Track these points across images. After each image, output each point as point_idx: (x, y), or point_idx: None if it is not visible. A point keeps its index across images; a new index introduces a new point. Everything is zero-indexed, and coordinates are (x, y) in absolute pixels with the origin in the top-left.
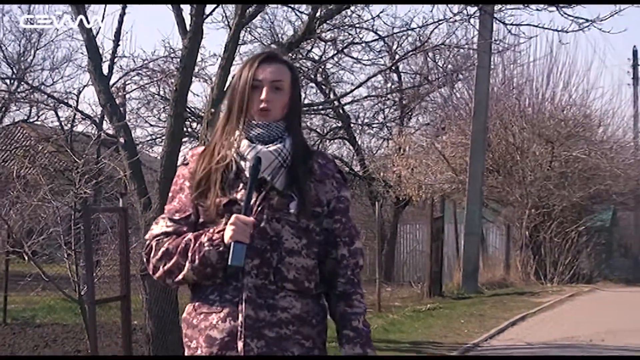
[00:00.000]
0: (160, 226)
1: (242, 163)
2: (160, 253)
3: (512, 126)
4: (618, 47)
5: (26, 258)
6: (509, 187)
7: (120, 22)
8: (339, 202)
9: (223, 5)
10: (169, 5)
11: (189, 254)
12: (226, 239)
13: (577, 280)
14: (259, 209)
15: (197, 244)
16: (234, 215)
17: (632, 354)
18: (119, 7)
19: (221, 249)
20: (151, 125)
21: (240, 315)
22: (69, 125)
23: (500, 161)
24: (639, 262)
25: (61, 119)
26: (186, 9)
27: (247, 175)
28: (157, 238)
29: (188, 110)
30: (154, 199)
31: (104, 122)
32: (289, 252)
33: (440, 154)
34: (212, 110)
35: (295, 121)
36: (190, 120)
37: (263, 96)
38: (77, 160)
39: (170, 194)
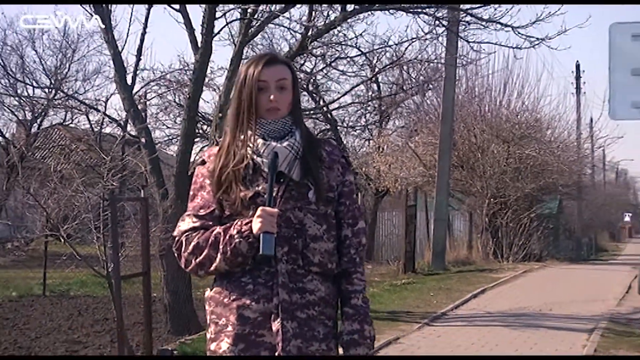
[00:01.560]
0: (187, 222)
1: (259, 159)
2: (191, 247)
3: (474, 128)
4: (564, 61)
5: (62, 240)
6: (472, 180)
7: (142, 40)
8: (344, 186)
9: (229, 25)
10: (184, 26)
11: (220, 246)
12: (255, 230)
13: (529, 259)
14: (282, 200)
15: (227, 237)
16: (260, 208)
17: (575, 321)
18: (140, 27)
19: (251, 239)
20: (168, 127)
21: (275, 299)
22: (98, 127)
23: (464, 158)
24: (581, 243)
25: (91, 122)
26: (198, 29)
27: (265, 170)
28: (186, 234)
29: (199, 115)
30: (170, 190)
31: (128, 124)
32: (312, 238)
33: (414, 152)
34: (220, 114)
35: (300, 115)
36: (201, 123)
37: (272, 97)
38: (105, 157)
39: (191, 193)
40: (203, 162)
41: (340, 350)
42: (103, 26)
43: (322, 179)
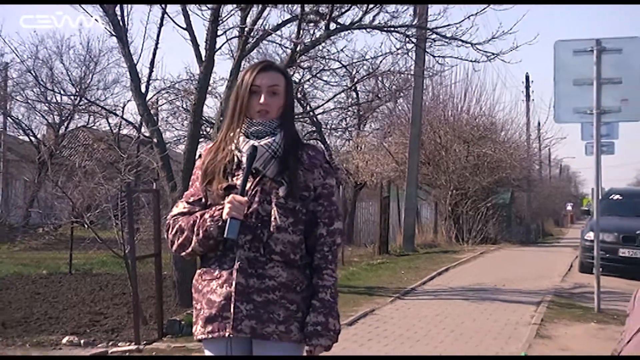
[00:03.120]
0: (179, 208)
1: (239, 154)
2: (174, 229)
3: (439, 130)
4: (515, 73)
5: (86, 226)
6: (437, 174)
7: (154, 55)
8: (323, 188)
9: (229, 42)
10: (190, 43)
11: (196, 229)
12: (223, 215)
13: (485, 242)
14: (253, 192)
15: (201, 220)
16: (230, 195)
17: (525, 295)
18: (153, 43)
19: (220, 223)
20: (176, 129)
21: (233, 282)
22: (117, 129)
23: (430, 156)
24: (530, 229)
25: (111, 125)
26: (202, 45)
27: (244, 166)
28: (174, 217)
29: (203, 118)
30: (179, 183)
31: (142, 127)
32: (277, 229)
33: (387, 151)
34: (221, 118)
35: (287, 119)
36: (205, 125)
37: (262, 100)
38: (122, 154)
39: (190, 183)
40: (199, 156)
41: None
42: (113, 31)
43: (298, 178)
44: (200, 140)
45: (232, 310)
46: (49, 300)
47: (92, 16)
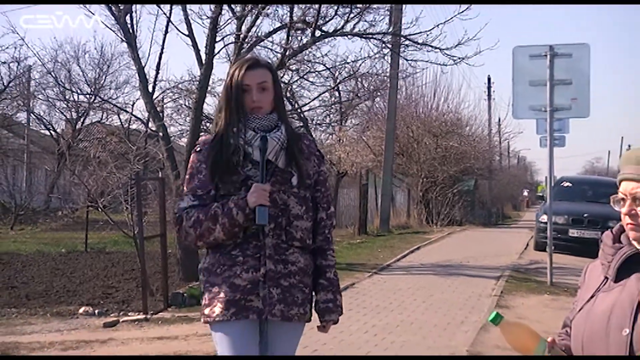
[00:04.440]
0: (187, 201)
1: (249, 149)
2: (192, 221)
3: (411, 126)
4: (479, 75)
5: (99, 210)
6: (409, 164)
7: (160, 58)
8: (319, 175)
9: (226, 47)
10: (192, 48)
11: (219, 218)
12: (251, 204)
13: (452, 224)
14: (269, 183)
15: (225, 210)
16: (254, 185)
17: (487, 270)
18: (159, 48)
19: (247, 211)
20: (180, 124)
21: (262, 268)
22: (127, 124)
23: (403, 148)
24: (491, 212)
25: (122, 120)
26: (202, 49)
27: (254, 157)
28: (186, 210)
29: (203, 115)
30: (182, 172)
31: (149, 122)
32: (295, 217)
33: (366, 144)
34: (219, 115)
35: (284, 112)
36: (205, 121)
37: (256, 98)
38: (132, 147)
39: (188, 176)
40: (199, 150)
41: (316, 316)
42: (122, 34)
43: (304, 167)
44: (201, 134)
45: (264, 294)
46: (67, 275)
47: (105, 24)
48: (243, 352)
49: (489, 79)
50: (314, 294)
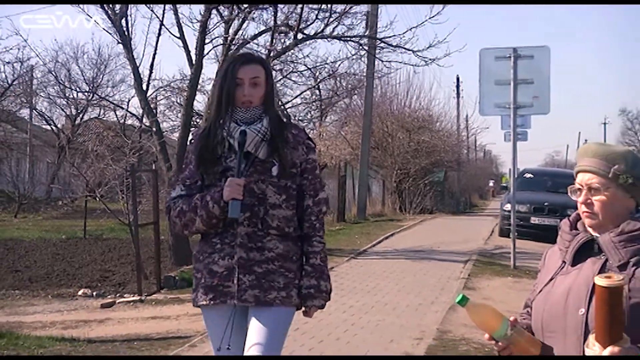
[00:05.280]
0: (177, 191)
1: (231, 140)
2: (177, 211)
3: (386, 121)
4: (448, 75)
5: (97, 199)
6: (384, 157)
7: (153, 59)
8: (307, 163)
9: (215, 48)
10: (183, 49)
11: (198, 210)
12: (224, 197)
13: (424, 212)
14: (248, 173)
15: (203, 202)
16: (229, 179)
17: (455, 255)
18: (152, 50)
19: (222, 204)
20: (172, 120)
21: (235, 256)
22: (123, 120)
23: (379, 142)
24: (459, 201)
25: (118, 116)
26: (193, 51)
27: (236, 149)
28: (174, 200)
29: (194, 111)
30: (173, 164)
31: (144, 118)
32: (272, 205)
33: (344, 138)
34: (209, 111)
35: (270, 105)
36: (195, 117)
37: (247, 92)
38: (127, 141)
39: (183, 165)
40: (191, 141)
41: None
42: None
43: (287, 157)
44: (192, 129)
45: (235, 282)
46: (67, 260)
47: (102, 27)
48: (220, 334)
49: (457, 79)
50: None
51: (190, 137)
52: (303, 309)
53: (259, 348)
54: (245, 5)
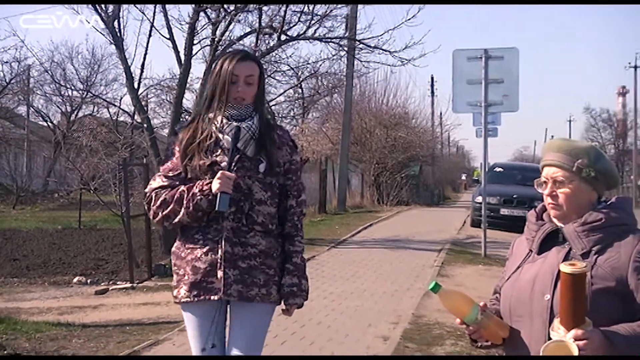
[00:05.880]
0: (157, 182)
1: (220, 135)
2: (159, 202)
3: (364, 118)
4: (423, 74)
5: (91, 191)
6: (363, 152)
7: (144, 59)
8: (291, 164)
9: (202, 49)
10: (173, 50)
11: (184, 202)
12: (214, 190)
13: (400, 204)
14: (235, 169)
15: (190, 194)
16: (220, 172)
17: (430, 244)
18: (143, 50)
19: (210, 197)
20: (162, 117)
21: (219, 251)
22: (115, 116)
23: (358, 138)
24: (434, 194)
25: (111, 113)
26: (182, 51)
27: (224, 144)
28: (156, 190)
29: (183, 108)
30: (163, 159)
31: (135, 115)
32: (257, 202)
33: (325, 134)
34: (197, 109)
35: (260, 104)
36: (184, 114)
37: (240, 89)
38: (119, 136)
39: (164, 157)
40: (176, 133)
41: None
42: (111, 37)
43: (274, 156)
44: None
45: (220, 276)
46: (62, 249)
47: (96, 29)
48: (204, 331)
49: (432, 78)
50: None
51: (174, 129)
52: (283, 306)
53: (241, 346)
54: (232, 8)
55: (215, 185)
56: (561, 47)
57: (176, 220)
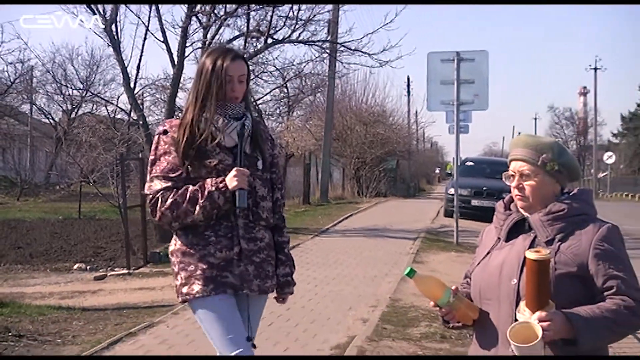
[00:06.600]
0: (159, 183)
1: (219, 134)
2: (168, 203)
3: (345, 116)
4: (400, 75)
5: (90, 184)
6: (344, 147)
7: (140, 60)
8: (274, 158)
9: (194, 51)
10: (166, 52)
11: (200, 201)
12: (231, 187)
13: (378, 195)
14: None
15: (206, 193)
16: (235, 169)
17: (406, 233)
18: (139, 52)
19: (227, 194)
20: (156, 114)
21: (235, 247)
22: (113, 114)
23: (339, 134)
24: (410, 186)
25: (109, 111)
26: (175, 53)
27: (224, 143)
28: (161, 192)
29: (176, 107)
30: None
31: (132, 112)
32: (261, 198)
33: (309, 131)
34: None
35: (250, 102)
36: (177, 112)
37: (235, 89)
38: (117, 133)
39: (152, 157)
40: (165, 132)
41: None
42: (108, 40)
43: (266, 152)
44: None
45: (241, 271)
46: (63, 238)
47: (95, 32)
48: (232, 321)
49: (408, 79)
50: None
51: (161, 128)
52: (277, 296)
53: (253, 336)
54: (222, 13)
55: (233, 182)
56: (528, 49)
57: (188, 219)
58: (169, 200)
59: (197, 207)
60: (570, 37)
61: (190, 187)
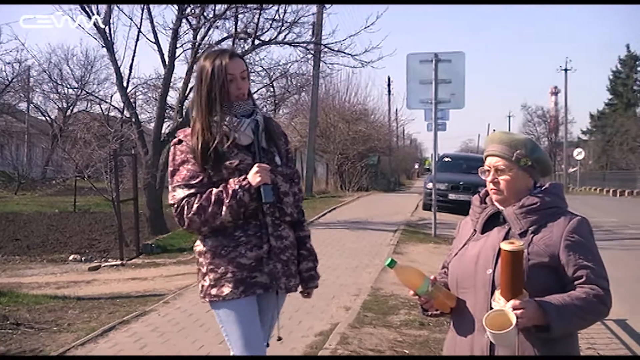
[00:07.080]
0: (182, 192)
1: (234, 134)
2: (195, 208)
3: (329, 114)
4: (381, 75)
5: (85, 179)
6: (328, 144)
7: (132, 60)
8: (288, 152)
9: (185, 52)
10: (158, 52)
11: (226, 201)
12: (254, 183)
13: (360, 190)
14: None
15: (231, 192)
16: (257, 164)
17: (387, 226)
18: (131, 52)
19: (252, 191)
20: (148, 112)
21: (265, 245)
22: (107, 112)
23: (323, 131)
24: (390, 181)
25: (102, 109)
26: (166, 54)
27: (240, 142)
28: (186, 199)
29: (167, 105)
30: (150, 149)
31: (124, 110)
32: (284, 194)
33: (294, 128)
34: (180, 105)
35: (254, 98)
36: (168, 110)
37: (240, 86)
38: (110, 130)
39: (172, 168)
40: (180, 142)
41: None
42: (102, 40)
43: (281, 147)
44: (165, 120)
45: (270, 269)
46: (59, 230)
47: (89, 33)
48: (254, 325)
49: (388, 79)
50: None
51: (175, 139)
52: (303, 291)
53: (273, 334)
54: (211, 16)
55: (256, 178)
56: (502, 51)
57: (217, 222)
58: (195, 206)
59: (224, 208)
60: (543, 39)
61: (214, 190)
